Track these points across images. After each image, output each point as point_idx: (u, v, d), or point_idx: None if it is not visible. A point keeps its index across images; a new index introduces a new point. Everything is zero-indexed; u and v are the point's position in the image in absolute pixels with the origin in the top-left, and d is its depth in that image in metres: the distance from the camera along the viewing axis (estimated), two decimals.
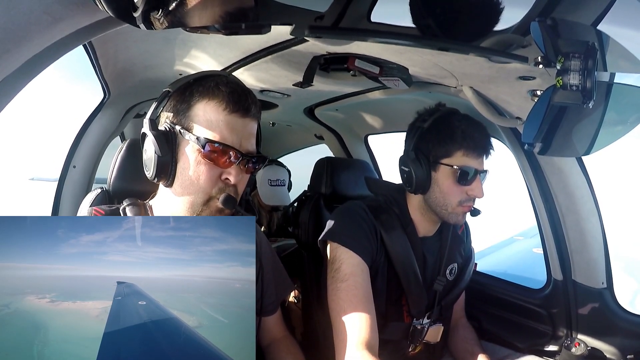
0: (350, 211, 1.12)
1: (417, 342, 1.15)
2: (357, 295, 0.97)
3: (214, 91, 0.75)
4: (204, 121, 0.75)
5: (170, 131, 0.76)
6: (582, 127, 0.84)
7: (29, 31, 0.54)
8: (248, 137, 0.78)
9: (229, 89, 0.76)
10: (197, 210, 0.77)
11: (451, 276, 1.20)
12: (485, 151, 1.07)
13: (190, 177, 0.76)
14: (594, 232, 1.21)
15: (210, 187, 0.76)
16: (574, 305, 1.27)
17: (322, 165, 1.50)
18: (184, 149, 0.76)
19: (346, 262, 1.02)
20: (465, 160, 1.04)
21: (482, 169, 1.06)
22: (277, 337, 1.02)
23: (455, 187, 1.05)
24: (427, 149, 1.07)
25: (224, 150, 0.75)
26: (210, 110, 0.75)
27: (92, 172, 1.59)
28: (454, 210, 1.07)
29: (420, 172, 1.06)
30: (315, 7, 0.66)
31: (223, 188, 0.77)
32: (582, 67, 0.67)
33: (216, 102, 0.75)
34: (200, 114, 0.75)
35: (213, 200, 0.77)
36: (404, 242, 1.09)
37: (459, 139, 1.03)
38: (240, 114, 0.76)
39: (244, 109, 0.76)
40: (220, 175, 0.77)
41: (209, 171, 0.75)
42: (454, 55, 0.90)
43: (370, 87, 1.41)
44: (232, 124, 0.75)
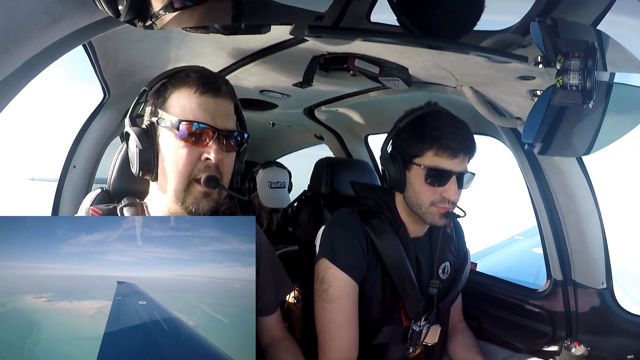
0: (341, 223, 1.12)
1: (416, 344, 1.14)
2: (341, 318, 1.05)
3: (185, 79, 0.78)
4: (177, 108, 0.77)
5: (149, 125, 0.79)
6: (582, 127, 0.84)
7: (29, 31, 0.54)
8: (223, 115, 0.79)
9: (198, 74, 0.78)
10: (180, 197, 0.78)
11: (444, 275, 1.20)
12: (462, 152, 1.02)
13: (170, 165, 0.77)
14: (594, 232, 1.21)
15: (189, 169, 0.77)
16: (574, 306, 1.27)
17: (322, 166, 1.50)
18: (163, 139, 0.79)
19: (334, 284, 1.05)
20: (436, 160, 1.01)
21: (458, 170, 1.02)
22: (276, 337, 1.03)
23: (426, 188, 1.03)
24: (401, 147, 1.07)
25: (200, 129, 0.76)
26: (183, 96, 0.78)
27: (92, 172, 1.58)
28: (427, 210, 1.05)
29: (394, 172, 1.06)
30: (315, 7, 0.66)
31: (203, 169, 0.77)
32: (581, 66, 0.67)
33: (187, 87, 0.78)
34: (175, 103, 0.78)
35: (195, 184, 0.77)
36: (396, 246, 1.09)
37: (429, 138, 1.01)
38: (212, 94, 0.78)
39: (214, 89, 0.78)
40: (200, 157, 0.77)
41: (187, 154, 0.76)
42: (453, 55, 0.90)
43: (370, 87, 1.41)
44: (204, 104, 0.77)
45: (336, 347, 1.04)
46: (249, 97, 1.62)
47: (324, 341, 1.06)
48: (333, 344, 1.05)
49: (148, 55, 1.18)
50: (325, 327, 1.06)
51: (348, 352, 1.05)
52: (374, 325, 1.11)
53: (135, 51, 1.16)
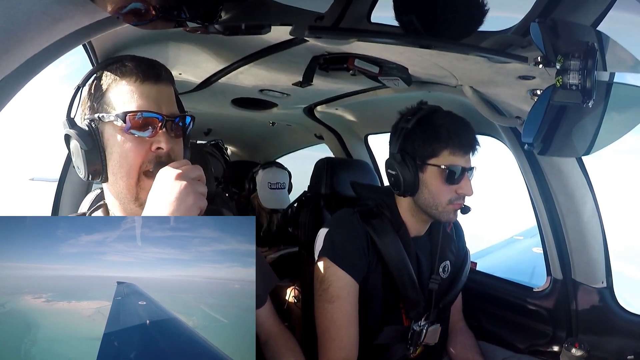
0: (342, 223, 1.12)
1: (417, 344, 1.14)
2: (341, 318, 1.04)
3: (121, 69, 0.73)
4: (118, 100, 0.72)
5: (89, 124, 0.73)
6: (582, 127, 0.84)
7: (29, 31, 0.54)
8: (167, 101, 0.75)
9: (134, 62, 0.74)
10: (133, 192, 0.74)
11: (444, 274, 1.20)
12: (471, 148, 1.06)
13: (119, 159, 0.73)
14: (594, 231, 1.21)
15: (140, 161, 0.73)
16: (574, 305, 1.27)
17: (322, 166, 1.50)
18: (108, 135, 0.73)
19: (335, 283, 1.05)
20: (452, 159, 1.03)
21: (469, 167, 1.05)
22: (273, 331, 1.01)
23: (444, 187, 1.04)
24: (412, 149, 1.06)
25: (146, 118, 0.71)
26: (122, 87, 0.73)
27: None
28: (444, 209, 1.07)
29: (408, 175, 1.05)
30: (315, 7, 0.66)
31: (154, 159, 0.74)
32: (581, 66, 0.67)
33: (126, 77, 0.73)
34: (115, 95, 0.73)
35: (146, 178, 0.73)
36: (397, 246, 1.09)
37: (445, 137, 1.03)
38: (152, 81, 0.74)
39: (155, 75, 0.74)
40: (151, 147, 0.73)
41: (136, 146, 0.72)
42: (453, 55, 0.90)
43: (370, 87, 1.41)
44: (146, 92, 0.73)
45: (336, 347, 1.04)
46: (249, 96, 1.62)
47: (324, 341, 1.06)
48: (333, 344, 1.05)
49: (148, 55, 1.18)
50: (325, 327, 1.06)
51: (348, 353, 1.05)
52: (374, 325, 1.11)
53: (135, 51, 1.15)
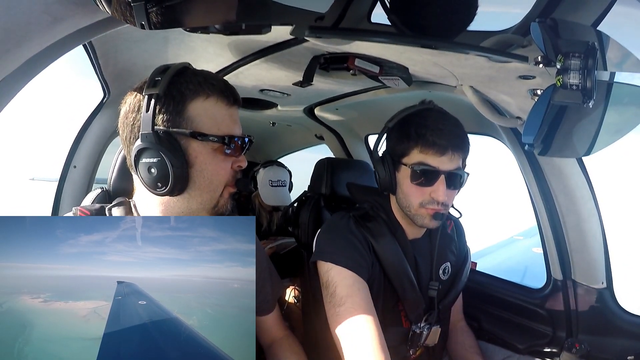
0: (337, 226, 1.08)
1: (417, 346, 1.13)
2: (357, 317, 0.92)
3: (208, 87, 0.75)
4: (209, 119, 0.75)
5: (172, 137, 0.72)
6: (582, 127, 0.84)
7: (29, 31, 0.54)
8: (240, 124, 0.82)
9: (218, 82, 0.77)
10: (214, 202, 0.79)
11: (445, 276, 1.18)
12: (449, 149, 0.96)
13: (210, 176, 0.77)
14: (594, 232, 1.21)
15: (226, 179, 0.79)
16: (574, 305, 1.27)
17: (322, 166, 1.50)
18: (196, 152, 0.74)
19: (340, 284, 0.97)
20: (422, 158, 0.98)
21: (446, 169, 0.97)
22: (278, 336, 1.02)
23: (413, 188, 1.00)
24: (390, 148, 1.05)
25: (237, 142, 0.78)
26: (211, 106, 0.75)
27: (92, 172, 1.58)
28: (417, 212, 1.02)
29: (383, 173, 1.04)
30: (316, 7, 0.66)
31: (234, 175, 0.81)
32: (582, 66, 0.67)
33: (215, 97, 0.76)
34: (202, 113, 0.74)
35: (227, 188, 0.80)
36: (395, 248, 1.07)
37: (414, 135, 0.98)
38: (237, 105, 0.80)
39: (236, 99, 0.79)
40: (232, 165, 0.80)
41: (227, 165, 0.79)
42: (454, 55, 0.90)
43: (370, 86, 1.41)
44: (234, 115, 0.79)
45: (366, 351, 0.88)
46: (249, 96, 1.62)
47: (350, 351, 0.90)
48: (360, 349, 0.89)
49: (148, 55, 1.18)
50: (344, 333, 0.92)
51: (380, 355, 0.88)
52: None
53: (135, 51, 1.16)
